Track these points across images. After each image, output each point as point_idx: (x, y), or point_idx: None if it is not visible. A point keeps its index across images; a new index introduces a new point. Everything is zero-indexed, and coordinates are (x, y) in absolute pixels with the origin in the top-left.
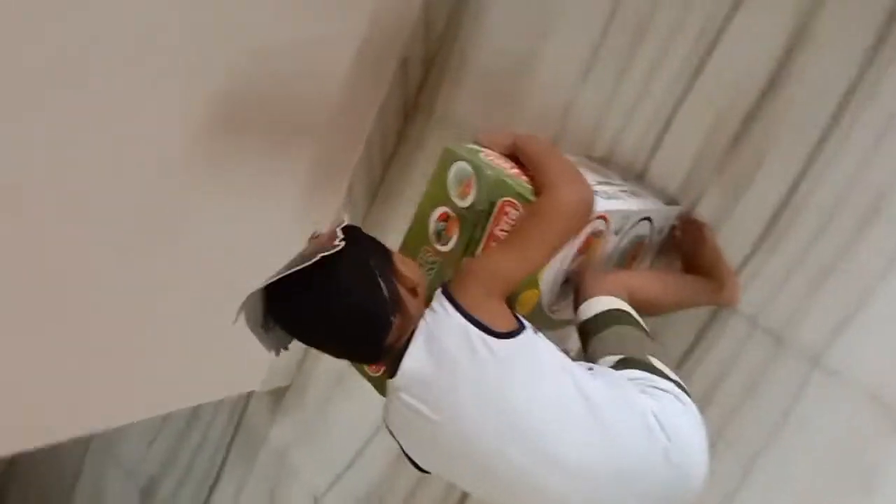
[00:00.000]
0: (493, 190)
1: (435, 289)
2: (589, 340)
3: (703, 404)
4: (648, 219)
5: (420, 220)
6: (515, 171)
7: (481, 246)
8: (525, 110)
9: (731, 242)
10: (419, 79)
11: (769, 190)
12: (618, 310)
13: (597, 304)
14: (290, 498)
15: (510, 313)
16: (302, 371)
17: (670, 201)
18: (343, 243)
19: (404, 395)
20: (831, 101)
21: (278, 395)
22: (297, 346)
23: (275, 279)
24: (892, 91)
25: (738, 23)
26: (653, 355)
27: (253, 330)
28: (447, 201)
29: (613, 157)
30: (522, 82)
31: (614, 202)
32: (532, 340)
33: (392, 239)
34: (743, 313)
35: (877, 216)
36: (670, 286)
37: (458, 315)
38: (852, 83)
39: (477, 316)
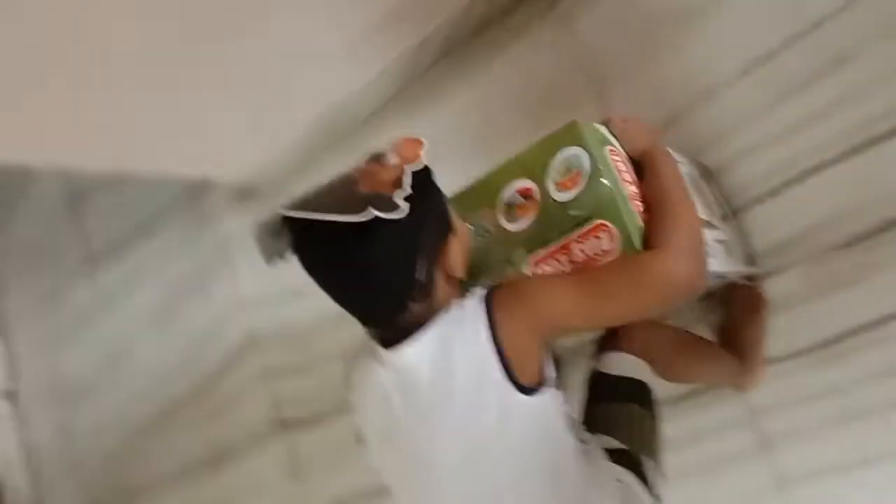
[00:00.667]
0: (600, 206)
1: (474, 262)
2: (597, 401)
3: None
4: (722, 276)
5: (497, 178)
6: (633, 189)
7: (548, 250)
8: (657, 68)
9: (780, 332)
10: None
11: (857, 309)
12: (640, 383)
13: (621, 364)
14: (218, 284)
15: (541, 363)
16: (286, 187)
17: (749, 260)
18: (407, 207)
19: (387, 376)
20: None
21: (246, 193)
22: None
23: (312, 215)
24: None
25: None
26: (653, 459)
27: (256, 234)
28: (540, 180)
29: (720, 176)
30: (672, 36)
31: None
32: (545, 405)
33: (441, 109)
34: (746, 401)
35: None
36: (702, 362)
37: (486, 337)
38: None
39: (506, 350)
